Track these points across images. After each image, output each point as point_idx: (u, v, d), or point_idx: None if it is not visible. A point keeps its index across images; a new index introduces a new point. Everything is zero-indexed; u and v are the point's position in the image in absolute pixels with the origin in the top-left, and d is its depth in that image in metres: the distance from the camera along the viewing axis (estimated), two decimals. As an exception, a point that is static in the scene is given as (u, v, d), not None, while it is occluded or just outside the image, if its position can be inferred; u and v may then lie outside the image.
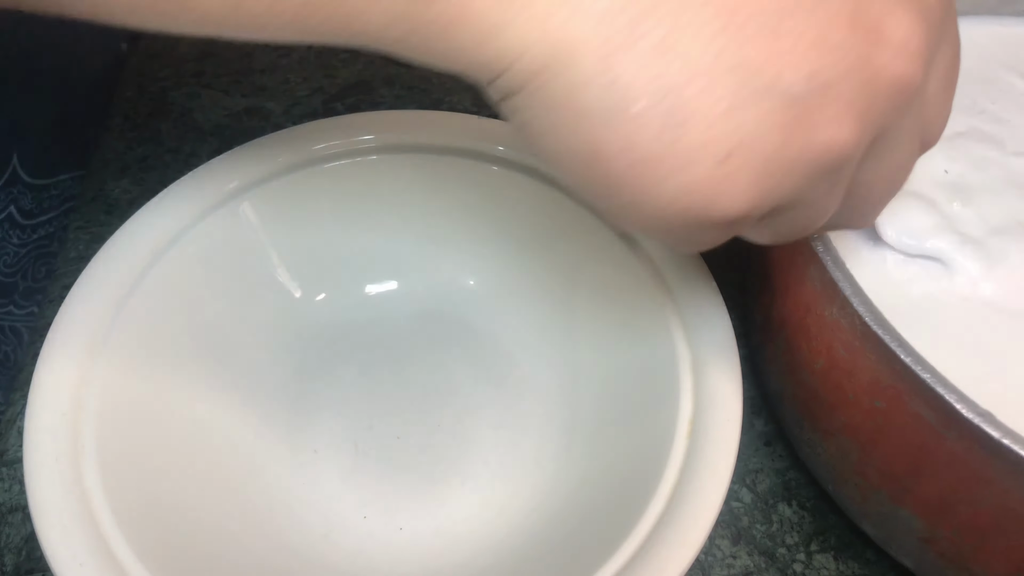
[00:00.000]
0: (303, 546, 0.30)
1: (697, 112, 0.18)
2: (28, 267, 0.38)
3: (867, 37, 0.18)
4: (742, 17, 0.18)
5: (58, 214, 0.39)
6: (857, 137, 0.19)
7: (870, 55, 0.19)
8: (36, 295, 0.38)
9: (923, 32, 0.19)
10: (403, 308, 0.36)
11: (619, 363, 0.32)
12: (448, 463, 0.32)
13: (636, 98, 0.18)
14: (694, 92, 0.18)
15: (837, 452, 0.29)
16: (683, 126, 0.18)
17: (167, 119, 0.45)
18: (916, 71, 0.19)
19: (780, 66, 0.18)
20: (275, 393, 0.33)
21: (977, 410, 0.22)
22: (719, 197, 0.19)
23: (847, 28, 0.18)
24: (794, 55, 0.18)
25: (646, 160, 0.18)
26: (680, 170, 0.18)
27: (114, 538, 0.25)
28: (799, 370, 0.29)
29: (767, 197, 0.19)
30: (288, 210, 0.34)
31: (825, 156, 0.19)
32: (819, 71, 0.18)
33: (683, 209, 0.19)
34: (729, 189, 0.19)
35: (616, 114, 0.18)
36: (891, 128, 0.20)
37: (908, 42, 0.19)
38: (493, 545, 0.30)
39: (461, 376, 0.34)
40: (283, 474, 0.31)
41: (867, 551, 0.32)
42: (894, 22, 0.19)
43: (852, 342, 0.25)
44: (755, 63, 0.18)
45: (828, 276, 0.25)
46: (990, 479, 0.23)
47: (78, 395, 0.27)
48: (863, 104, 0.19)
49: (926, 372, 0.23)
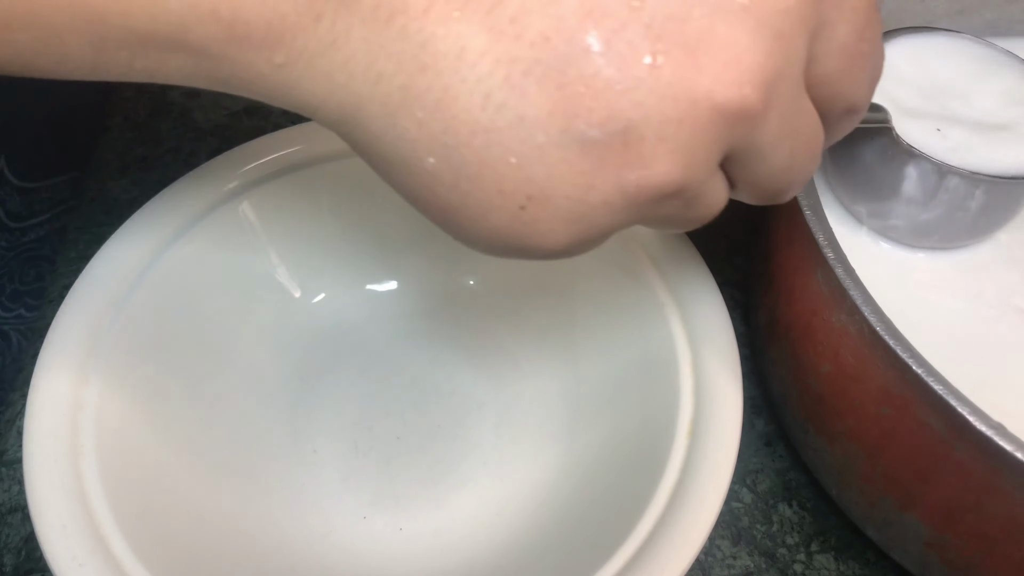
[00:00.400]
0: (303, 546, 0.30)
1: (486, 165, 0.18)
2: (16, 270, 0.37)
3: (681, 66, 0.17)
4: (521, 69, 0.17)
5: (49, 217, 0.39)
6: (681, 170, 0.18)
7: (687, 84, 0.17)
8: (25, 298, 0.38)
9: (756, 45, 0.18)
10: (403, 308, 0.36)
11: (619, 363, 0.32)
12: (448, 463, 0.32)
13: (425, 155, 0.18)
14: (479, 147, 0.18)
15: (842, 457, 0.29)
16: (475, 179, 0.18)
17: (166, 119, 0.45)
18: (746, 93, 0.18)
19: (568, 116, 0.17)
20: (275, 393, 0.33)
21: (989, 422, 0.22)
22: (530, 239, 0.19)
23: (648, 66, 0.17)
24: (583, 102, 0.17)
25: (449, 208, 0.19)
26: (482, 218, 0.19)
27: (113, 538, 0.24)
28: (804, 374, 0.29)
29: (587, 234, 0.19)
30: (288, 210, 0.34)
31: (644, 193, 0.18)
32: (614, 115, 0.17)
33: (503, 247, 0.20)
34: (537, 233, 0.19)
35: (413, 166, 0.18)
36: (749, 141, 0.19)
37: (733, 64, 0.18)
38: (493, 546, 0.30)
39: (461, 376, 0.34)
40: (283, 474, 0.31)
41: (867, 552, 0.32)
42: (716, 44, 0.17)
43: (860, 349, 0.25)
44: (538, 116, 0.17)
45: (836, 281, 0.25)
46: (999, 488, 0.23)
47: (77, 395, 0.27)
48: (684, 138, 0.18)
49: (937, 383, 0.23)
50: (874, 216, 0.32)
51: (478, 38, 0.17)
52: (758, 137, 0.19)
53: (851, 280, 0.25)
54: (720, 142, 0.19)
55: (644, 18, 0.17)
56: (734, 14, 0.18)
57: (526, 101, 0.17)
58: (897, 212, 0.31)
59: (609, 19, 0.17)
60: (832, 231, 0.26)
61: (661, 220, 0.21)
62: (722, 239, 0.39)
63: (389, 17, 0.17)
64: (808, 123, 0.20)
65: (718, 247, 0.38)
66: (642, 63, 0.17)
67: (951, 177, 0.29)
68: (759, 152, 0.20)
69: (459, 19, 0.17)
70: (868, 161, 0.30)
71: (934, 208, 0.30)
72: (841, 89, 0.21)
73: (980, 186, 0.29)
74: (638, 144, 0.18)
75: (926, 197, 0.30)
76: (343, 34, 0.18)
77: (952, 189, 0.29)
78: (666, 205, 0.19)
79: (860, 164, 0.31)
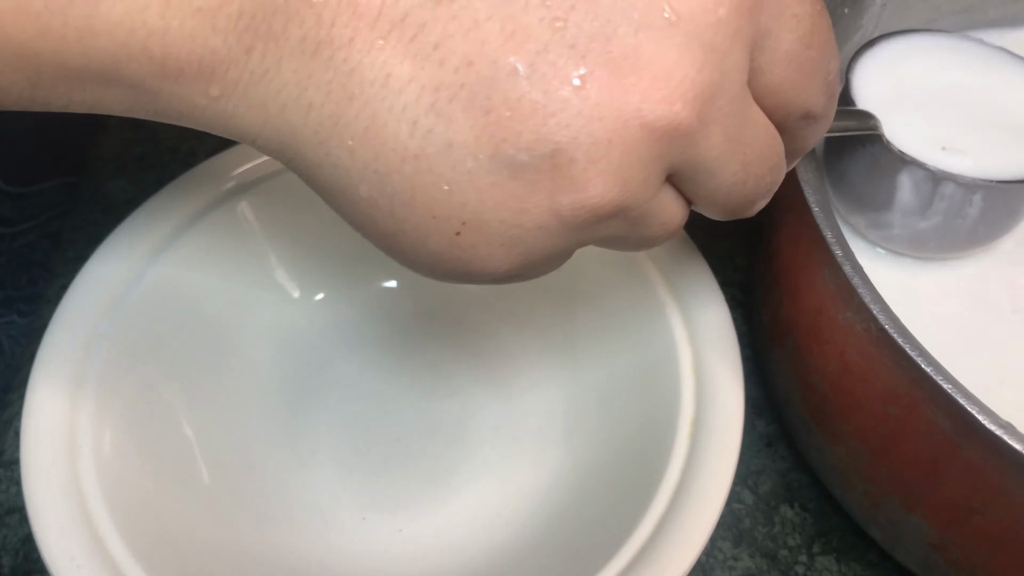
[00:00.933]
0: (302, 547, 0.30)
1: (418, 191, 0.18)
2: (8, 276, 0.37)
3: (607, 85, 0.17)
4: (447, 95, 0.17)
5: (40, 222, 0.39)
6: (617, 191, 0.18)
7: (615, 104, 0.17)
8: (18, 304, 0.38)
9: (685, 60, 0.17)
10: (403, 308, 0.36)
11: (620, 363, 0.32)
12: (447, 464, 0.32)
13: (358, 182, 0.18)
14: (410, 174, 0.18)
15: (846, 457, 0.29)
16: (409, 206, 0.18)
17: (165, 118, 0.45)
18: (676, 109, 0.17)
19: (496, 140, 0.17)
20: (273, 394, 0.33)
21: (998, 421, 0.22)
22: (471, 264, 0.19)
23: (573, 87, 0.17)
24: (510, 126, 0.17)
25: (388, 235, 0.19)
26: (421, 244, 0.19)
27: (111, 539, 0.24)
28: (809, 373, 0.29)
29: (527, 258, 0.19)
30: (286, 209, 0.34)
31: (579, 216, 0.18)
32: (542, 139, 0.17)
33: (447, 272, 0.20)
34: (477, 257, 0.19)
35: (349, 194, 0.19)
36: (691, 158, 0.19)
37: (661, 80, 0.17)
38: (493, 547, 0.30)
39: (461, 377, 0.34)
40: (282, 475, 0.31)
41: (870, 553, 0.32)
42: (643, 62, 0.17)
43: (867, 347, 0.25)
44: (466, 141, 0.17)
45: (844, 279, 0.25)
46: (1007, 489, 0.23)
47: (75, 396, 0.27)
48: (615, 158, 0.18)
49: (947, 381, 0.22)
50: (872, 227, 0.32)
51: (403, 65, 0.17)
52: (701, 153, 0.19)
53: (859, 278, 0.25)
54: (657, 161, 0.18)
55: (567, 39, 0.17)
56: (661, 30, 0.17)
57: (453, 127, 0.17)
58: (894, 221, 0.30)
59: (531, 41, 0.17)
60: (840, 228, 0.26)
61: (610, 240, 0.20)
62: (723, 239, 0.39)
63: (316, 49, 0.18)
64: (758, 135, 0.20)
65: (719, 247, 0.38)
66: (568, 84, 0.17)
67: (946, 183, 0.28)
68: (706, 168, 0.19)
69: (383, 48, 0.17)
70: (861, 170, 0.30)
71: (931, 216, 0.30)
72: (792, 96, 0.20)
73: (977, 192, 0.28)
74: (568, 167, 0.18)
75: (922, 205, 0.29)
76: (273, 65, 0.18)
77: (948, 196, 0.29)
78: (609, 226, 0.19)
79: (853, 174, 0.30)
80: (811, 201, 0.27)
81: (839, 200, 0.32)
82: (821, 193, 0.27)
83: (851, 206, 0.32)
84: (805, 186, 0.27)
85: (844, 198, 0.32)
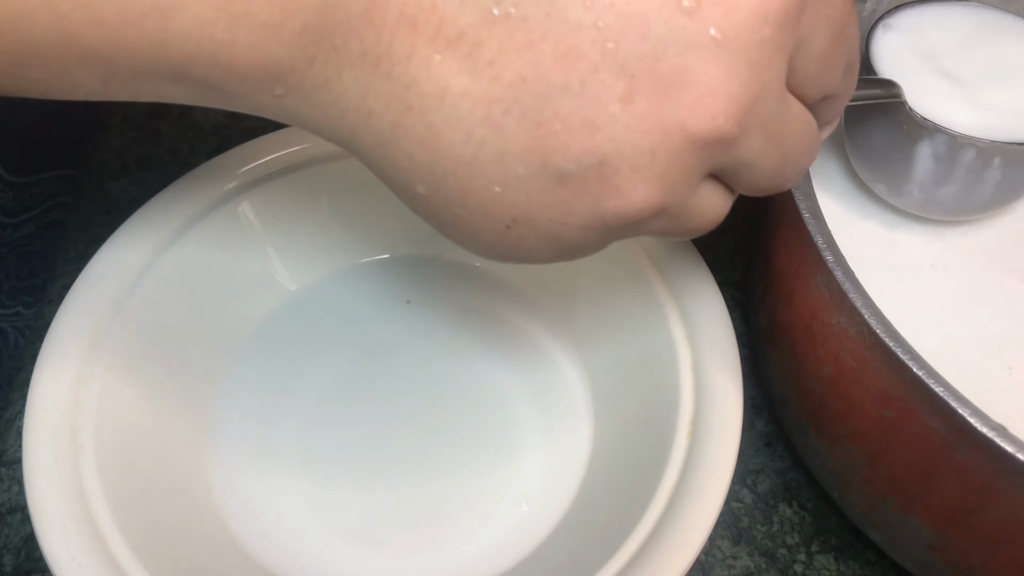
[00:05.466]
0: (302, 546, 0.30)
1: (471, 192, 0.19)
2: (11, 266, 0.37)
3: (653, 102, 0.18)
4: (501, 108, 0.18)
5: (40, 211, 0.39)
6: (659, 195, 0.19)
7: (660, 118, 0.18)
8: (22, 295, 0.38)
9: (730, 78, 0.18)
10: (403, 307, 0.36)
11: (619, 362, 0.32)
12: (447, 464, 0.32)
13: (416, 182, 0.20)
14: (464, 177, 0.19)
15: (843, 459, 0.29)
16: (463, 204, 0.20)
17: (166, 118, 0.45)
18: (719, 123, 0.19)
19: (546, 151, 0.18)
20: (274, 393, 0.33)
21: (990, 424, 0.22)
22: (518, 251, 0.21)
23: (622, 102, 0.18)
24: (559, 139, 0.18)
25: (443, 224, 0.21)
26: (473, 235, 0.21)
27: (113, 538, 0.25)
28: (805, 377, 0.29)
29: (571, 250, 0.21)
30: (287, 210, 0.34)
31: (622, 219, 0.20)
32: (589, 151, 0.18)
33: (496, 256, 0.21)
34: (523, 249, 0.21)
35: (407, 189, 0.20)
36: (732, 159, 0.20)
37: (707, 97, 0.18)
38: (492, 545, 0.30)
39: (459, 381, 0.34)
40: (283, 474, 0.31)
41: (868, 552, 0.32)
42: (689, 81, 0.18)
43: (861, 352, 0.25)
44: (517, 151, 0.19)
45: (836, 284, 0.25)
46: (1001, 490, 0.23)
47: (77, 395, 0.27)
48: (658, 166, 0.19)
49: (939, 385, 0.23)
50: (895, 193, 0.32)
51: (459, 79, 0.18)
52: (742, 153, 0.20)
53: (851, 283, 0.25)
54: (698, 165, 0.19)
55: (618, 59, 0.18)
56: (707, 50, 0.18)
57: (505, 137, 0.18)
58: (916, 186, 0.31)
59: (583, 61, 0.18)
60: (831, 234, 0.26)
61: (655, 233, 0.21)
62: (722, 239, 0.39)
63: (375, 62, 0.18)
64: (797, 126, 0.21)
65: (718, 247, 0.38)
66: (616, 101, 0.18)
67: (968, 148, 0.29)
68: (747, 164, 0.20)
69: (440, 63, 0.18)
70: (884, 137, 0.30)
71: (953, 181, 0.30)
72: (817, 84, 0.21)
73: (998, 155, 0.29)
74: (613, 176, 0.19)
75: (945, 170, 0.30)
76: (335, 75, 0.19)
77: (969, 160, 0.29)
78: (651, 224, 0.20)
79: (876, 141, 0.31)
80: (802, 208, 0.27)
81: (863, 168, 0.33)
82: (811, 200, 0.27)
83: (875, 173, 0.32)
84: (796, 192, 0.27)
85: (868, 166, 0.32)
